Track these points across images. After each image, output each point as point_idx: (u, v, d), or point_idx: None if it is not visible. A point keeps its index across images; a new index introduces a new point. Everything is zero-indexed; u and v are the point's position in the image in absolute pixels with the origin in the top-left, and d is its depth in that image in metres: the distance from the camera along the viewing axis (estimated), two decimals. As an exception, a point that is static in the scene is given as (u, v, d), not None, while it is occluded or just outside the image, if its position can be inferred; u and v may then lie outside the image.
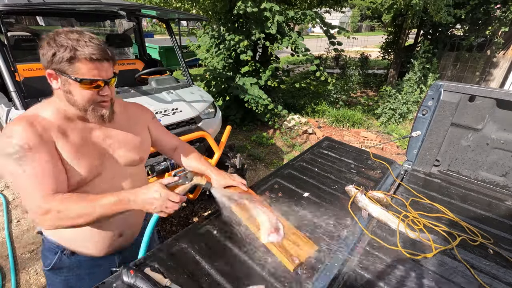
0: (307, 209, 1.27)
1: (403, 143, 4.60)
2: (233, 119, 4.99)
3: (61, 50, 0.82)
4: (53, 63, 0.84)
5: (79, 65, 0.83)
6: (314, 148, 1.98)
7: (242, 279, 0.90)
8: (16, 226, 2.61)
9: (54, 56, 0.83)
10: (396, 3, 4.73)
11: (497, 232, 1.24)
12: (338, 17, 20.38)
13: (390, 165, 1.77)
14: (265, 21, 3.98)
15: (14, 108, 1.88)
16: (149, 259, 0.95)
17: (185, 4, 4.26)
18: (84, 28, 0.96)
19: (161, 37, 12.39)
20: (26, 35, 3.04)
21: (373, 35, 21.41)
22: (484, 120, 1.58)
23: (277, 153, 4.31)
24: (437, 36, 7.01)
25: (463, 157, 1.71)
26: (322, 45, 8.41)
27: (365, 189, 1.41)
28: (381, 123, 5.48)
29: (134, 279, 0.82)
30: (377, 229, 1.21)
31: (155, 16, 3.08)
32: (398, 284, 0.94)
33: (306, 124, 5.09)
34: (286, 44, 4.24)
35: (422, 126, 1.78)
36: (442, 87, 1.65)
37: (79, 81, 0.85)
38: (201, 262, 0.95)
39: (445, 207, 1.37)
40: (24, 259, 2.27)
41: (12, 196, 3.02)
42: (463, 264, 1.03)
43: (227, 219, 1.13)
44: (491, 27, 6.46)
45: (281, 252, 0.97)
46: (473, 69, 6.62)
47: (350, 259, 1.04)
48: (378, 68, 10.67)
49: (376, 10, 6.11)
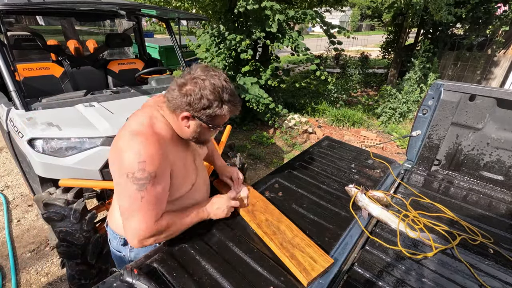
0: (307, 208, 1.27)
1: (403, 142, 4.59)
2: (233, 119, 4.98)
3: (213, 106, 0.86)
4: (197, 112, 0.87)
5: (218, 117, 0.91)
6: (314, 148, 1.98)
7: (245, 280, 0.90)
8: (17, 226, 2.61)
9: (205, 109, 0.86)
10: (397, 2, 4.72)
11: (497, 231, 1.24)
12: (338, 16, 20.36)
13: (390, 165, 1.77)
14: (265, 20, 3.97)
15: (14, 108, 1.88)
16: (149, 259, 0.95)
17: (185, 3, 4.25)
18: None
19: (161, 36, 12.37)
20: (26, 35, 3.03)
21: (373, 34, 21.39)
22: (484, 120, 1.58)
23: (277, 153, 4.30)
24: (437, 35, 6.99)
25: (463, 157, 1.71)
26: (322, 45, 8.40)
27: (365, 189, 1.41)
28: (381, 123, 5.47)
29: (137, 278, 0.82)
30: (377, 228, 1.21)
31: (155, 16, 3.08)
32: (398, 284, 0.94)
33: (306, 123, 5.08)
34: (286, 43, 4.23)
35: (422, 125, 1.78)
36: (443, 86, 1.64)
37: (213, 128, 0.94)
38: (201, 262, 0.95)
39: (445, 207, 1.36)
40: (25, 258, 2.27)
41: (12, 196, 3.03)
42: (463, 264, 1.03)
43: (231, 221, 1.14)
44: (492, 26, 6.44)
45: (294, 264, 0.93)
46: (474, 69, 6.60)
47: (350, 259, 1.04)
48: (378, 67, 10.65)
49: (377, 9, 6.10)
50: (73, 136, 1.73)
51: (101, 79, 3.10)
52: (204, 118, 0.89)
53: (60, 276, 2.14)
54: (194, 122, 0.91)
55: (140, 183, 0.83)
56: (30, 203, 2.91)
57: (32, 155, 1.69)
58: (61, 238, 1.72)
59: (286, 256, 0.96)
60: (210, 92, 0.85)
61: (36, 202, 1.81)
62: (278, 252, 0.99)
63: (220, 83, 0.87)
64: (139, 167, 0.82)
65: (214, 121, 0.91)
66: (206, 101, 0.85)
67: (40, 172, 1.73)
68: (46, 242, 2.42)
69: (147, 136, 0.86)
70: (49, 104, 1.98)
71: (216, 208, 1.10)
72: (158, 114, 0.94)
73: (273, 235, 1.05)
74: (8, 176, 3.38)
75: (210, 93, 0.85)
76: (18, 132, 1.75)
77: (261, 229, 1.07)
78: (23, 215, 2.75)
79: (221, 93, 0.87)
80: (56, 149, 1.71)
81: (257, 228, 1.09)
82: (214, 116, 0.89)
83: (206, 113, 0.87)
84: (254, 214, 1.16)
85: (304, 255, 0.97)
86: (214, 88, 0.85)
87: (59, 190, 1.77)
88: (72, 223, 1.70)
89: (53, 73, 2.72)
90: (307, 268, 0.92)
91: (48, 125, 1.75)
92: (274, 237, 1.03)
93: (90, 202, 2.51)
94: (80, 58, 3.14)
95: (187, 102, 0.86)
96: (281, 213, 1.17)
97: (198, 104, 0.85)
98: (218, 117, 0.90)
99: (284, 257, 0.96)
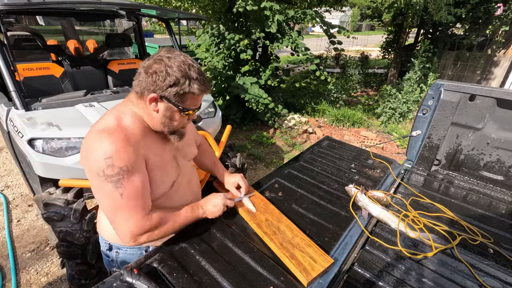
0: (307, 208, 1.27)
1: (403, 142, 4.59)
2: (233, 119, 4.99)
3: (180, 82, 0.83)
4: (164, 91, 0.84)
5: (188, 98, 0.88)
6: (314, 148, 1.98)
7: (245, 280, 0.90)
8: (17, 226, 2.61)
9: (172, 86, 0.83)
10: (397, 2, 4.72)
11: (497, 231, 1.24)
12: (338, 16, 20.35)
13: (390, 165, 1.77)
14: (265, 20, 3.97)
15: (14, 108, 1.88)
16: (149, 259, 0.95)
17: (184, 3, 4.25)
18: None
19: (161, 36, 12.37)
20: (26, 35, 3.03)
21: (373, 34, 21.38)
22: (484, 120, 1.58)
23: (277, 153, 4.30)
24: (437, 35, 6.99)
25: (463, 157, 1.71)
26: (322, 45, 8.40)
27: (365, 189, 1.41)
28: (381, 123, 5.47)
29: (137, 278, 0.82)
30: (377, 228, 1.21)
31: (155, 16, 3.08)
32: (398, 284, 0.94)
33: (306, 123, 5.08)
34: (286, 43, 4.23)
35: (422, 125, 1.78)
36: (442, 86, 1.64)
37: (183, 111, 0.89)
38: (201, 262, 0.95)
39: (445, 207, 1.36)
40: (25, 258, 2.27)
41: (12, 196, 3.03)
42: (464, 264, 1.03)
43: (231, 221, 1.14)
44: (492, 26, 6.45)
45: (294, 264, 0.92)
46: (474, 68, 6.61)
47: (350, 259, 1.04)
48: (378, 67, 10.65)
49: (376, 9, 6.10)
50: (73, 136, 1.73)
51: (101, 79, 3.10)
52: (172, 98, 0.86)
53: (60, 276, 2.14)
54: (162, 105, 0.87)
55: (114, 180, 0.80)
56: (30, 203, 2.91)
57: (32, 155, 1.69)
58: (61, 238, 1.72)
59: (286, 256, 0.95)
60: (177, 68, 0.83)
61: (36, 202, 1.81)
62: (278, 252, 0.99)
63: (186, 60, 0.85)
64: (106, 163, 0.79)
65: (183, 101, 0.88)
66: (173, 78, 0.82)
67: (40, 172, 1.73)
68: (46, 242, 2.42)
69: (111, 132, 0.83)
70: (49, 104, 1.98)
71: (212, 206, 1.07)
72: (127, 109, 0.91)
73: (273, 235, 1.05)
74: (8, 176, 3.38)
75: (177, 70, 0.83)
76: (18, 132, 1.75)
77: (261, 229, 1.07)
78: (23, 215, 2.75)
79: (188, 70, 0.84)
80: (56, 149, 1.71)
81: (257, 228, 1.09)
82: (183, 95, 0.86)
83: (174, 91, 0.84)
84: (254, 214, 1.16)
85: (304, 255, 0.96)
86: (179, 65, 0.83)
87: (59, 190, 1.77)
88: (72, 223, 1.70)
89: (53, 73, 2.73)
90: (307, 268, 0.91)
91: (48, 125, 1.75)
92: (274, 237, 1.03)
93: (90, 202, 2.51)
94: (80, 58, 3.15)
95: (153, 81, 0.83)
96: (281, 213, 1.17)
97: (164, 82, 0.82)
98: (187, 96, 0.87)
99: (284, 257, 0.96)
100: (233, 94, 4.63)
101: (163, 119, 0.90)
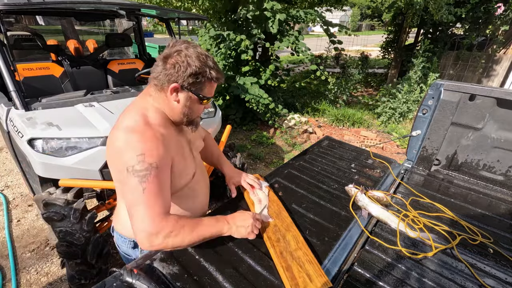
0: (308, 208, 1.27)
1: (403, 142, 4.59)
2: (233, 119, 4.99)
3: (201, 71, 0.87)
4: (184, 80, 0.87)
5: (206, 86, 0.92)
6: (314, 148, 1.98)
7: (245, 280, 0.90)
8: (17, 226, 2.61)
9: (192, 76, 0.86)
10: (397, 2, 4.72)
11: (497, 231, 1.24)
12: (338, 16, 20.34)
13: (390, 165, 1.77)
14: (265, 21, 3.97)
15: (14, 108, 1.88)
16: (149, 259, 0.95)
17: (185, 3, 4.25)
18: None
19: (161, 36, 12.37)
20: (26, 35, 3.03)
21: (373, 34, 21.37)
22: (484, 119, 1.58)
23: (277, 153, 4.30)
24: (437, 35, 6.99)
25: (463, 157, 1.71)
26: (322, 44, 8.40)
27: (365, 189, 1.41)
28: (381, 122, 5.47)
29: (137, 278, 0.82)
30: (377, 228, 1.21)
31: (155, 16, 3.08)
32: (398, 284, 0.93)
33: (306, 123, 5.08)
34: (286, 44, 4.23)
35: (422, 125, 1.78)
36: (442, 86, 1.64)
37: (202, 99, 0.93)
38: (201, 262, 0.95)
39: (445, 206, 1.36)
40: (25, 258, 2.27)
41: (12, 196, 3.03)
42: (464, 264, 1.03)
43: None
44: (492, 26, 6.44)
45: (287, 276, 0.87)
46: (474, 68, 6.61)
47: (350, 258, 1.04)
48: (378, 67, 10.65)
49: (377, 9, 6.10)
50: (73, 136, 1.73)
51: (101, 79, 3.10)
52: (193, 87, 0.89)
53: (60, 276, 2.14)
54: (183, 95, 0.90)
55: (141, 174, 0.81)
56: (30, 203, 2.91)
57: (32, 155, 1.69)
58: (61, 238, 1.72)
59: (282, 266, 0.91)
60: (196, 58, 0.86)
61: (36, 202, 1.81)
62: (275, 260, 0.95)
63: (203, 51, 0.89)
64: (138, 159, 0.81)
65: (203, 90, 0.92)
66: (194, 67, 0.86)
67: (40, 172, 1.73)
68: (46, 242, 2.42)
69: (142, 132, 0.85)
70: (49, 104, 1.98)
71: (241, 221, 0.99)
72: (148, 105, 0.93)
73: (276, 241, 1.02)
74: (8, 176, 3.38)
75: (196, 60, 0.86)
76: (18, 132, 1.75)
77: (266, 233, 1.05)
78: (23, 215, 2.75)
79: (206, 59, 0.88)
80: (56, 149, 1.71)
81: (262, 232, 1.07)
82: (202, 83, 0.90)
83: (194, 80, 0.88)
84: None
85: (301, 270, 0.90)
86: (198, 56, 0.87)
87: (59, 190, 1.77)
88: (72, 223, 1.70)
89: (53, 73, 2.72)
90: (300, 285, 0.85)
91: (48, 125, 1.75)
92: (276, 244, 1.00)
93: (90, 202, 2.51)
94: (80, 58, 3.14)
95: (174, 72, 0.86)
96: (292, 222, 1.12)
97: (185, 72, 0.85)
98: (205, 85, 0.91)
99: (280, 266, 0.92)
100: (233, 94, 4.63)
101: (184, 108, 0.93)
